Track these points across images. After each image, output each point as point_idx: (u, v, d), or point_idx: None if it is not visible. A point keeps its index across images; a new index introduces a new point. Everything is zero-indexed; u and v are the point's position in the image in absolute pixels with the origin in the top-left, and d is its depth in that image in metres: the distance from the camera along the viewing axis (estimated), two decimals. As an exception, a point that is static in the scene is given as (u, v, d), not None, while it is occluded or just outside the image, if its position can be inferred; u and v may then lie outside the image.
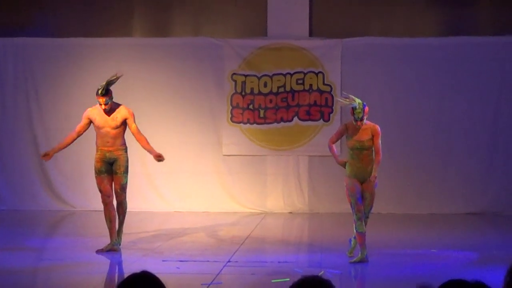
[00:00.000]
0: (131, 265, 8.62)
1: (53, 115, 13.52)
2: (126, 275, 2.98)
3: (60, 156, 13.42)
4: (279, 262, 8.95)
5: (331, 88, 13.34)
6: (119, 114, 9.95)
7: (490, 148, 13.06)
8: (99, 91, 9.78)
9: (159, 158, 9.98)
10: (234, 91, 13.46)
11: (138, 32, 13.86)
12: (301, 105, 13.39)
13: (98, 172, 9.92)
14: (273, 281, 7.78)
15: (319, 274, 7.95)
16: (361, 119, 9.04)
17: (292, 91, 13.42)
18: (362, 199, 8.96)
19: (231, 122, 13.45)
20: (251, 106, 13.44)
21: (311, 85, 13.40)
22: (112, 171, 9.86)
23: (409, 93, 13.17)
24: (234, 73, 13.46)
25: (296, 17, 13.51)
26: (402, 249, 9.83)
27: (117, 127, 9.94)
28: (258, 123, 13.45)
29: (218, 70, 13.46)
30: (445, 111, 13.09)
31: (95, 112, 9.96)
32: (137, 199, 13.17)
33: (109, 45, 13.55)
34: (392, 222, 12.22)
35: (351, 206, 9.04)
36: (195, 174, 13.35)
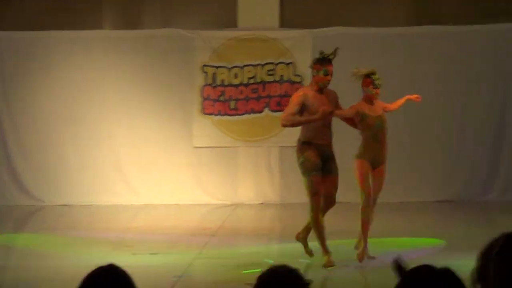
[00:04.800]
0: (101, 259, 8.55)
1: (22, 109, 13.38)
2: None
3: (28, 149, 13.34)
4: (250, 253, 8.95)
5: (302, 79, 13.33)
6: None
7: (459, 136, 13.13)
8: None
9: None
10: (205, 83, 13.41)
11: (108, 24, 13.76)
12: (272, 96, 13.37)
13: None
14: (244, 272, 7.78)
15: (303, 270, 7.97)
16: (380, 87, 8.46)
17: (263, 82, 13.39)
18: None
19: (202, 114, 13.40)
20: (222, 98, 13.40)
21: (282, 76, 13.38)
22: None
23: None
24: (204, 65, 13.41)
25: (267, 8, 13.49)
26: (372, 237, 9.85)
27: None
28: (229, 115, 13.41)
29: (188, 62, 13.40)
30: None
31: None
32: (107, 192, 13.11)
33: (78, 38, 13.43)
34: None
35: (362, 188, 8.40)
36: (166, 166, 13.29)
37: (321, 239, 8.33)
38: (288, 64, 13.37)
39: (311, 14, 13.47)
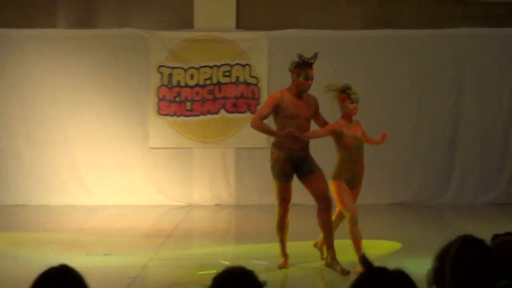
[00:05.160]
0: (54, 260, 8.47)
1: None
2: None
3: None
4: (205, 254, 8.94)
5: (258, 81, 13.36)
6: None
7: (413, 139, 13.25)
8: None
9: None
10: (160, 84, 13.37)
11: (63, 23, 13.64)
12: (228, 98, 13.37)
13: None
14: (199, 273, 7.77)
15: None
16: (358, 101, 8.14)
17: (219, 84, 13.38)
18: None
19: (157, 115, 13.35)
20: (177, 99, 13.36)
21: (237, 77, 13.39)
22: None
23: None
24: (160, 65, 13.36)
25: (223, 9, 13.48)
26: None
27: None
28: (185, 116, 13.38)
29: (144, 62, 13.34)
30: (372, 102, 13.20)
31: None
32: (62, 192, 13.01)
33: (32, 36, 13.29)
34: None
35: (345, 208, 8.01)
36: (121, 167, 13.22)
37: (282, 241, 8.30)
38: (244, 65, 13.37)
39: (268, 16, 13.49)
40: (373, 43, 13.27)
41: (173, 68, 13.36)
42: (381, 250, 9.14)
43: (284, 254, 8.25)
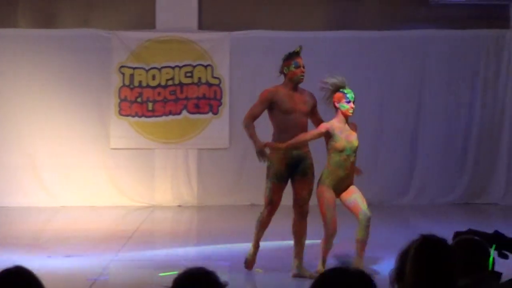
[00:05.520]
0: (14, 262, 8.38)
1: None
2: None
3: None
4: (167, 255, 8.90)
5: (220, 81, 13.34)
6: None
7: (375, 141, 13.31)
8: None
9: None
10: (122, 84, 13.29)
11: (23, 23, 13.51)
12: (190, 98, 13.33)
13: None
14: (160, 275, 7.73)
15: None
16: (354, 100, 7.70)
17: (181, 84, 13.34)
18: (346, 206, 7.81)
19: (119, 115, 13.27)
20: (139, 99, 13.29)
21: (200, 78, 13.36)
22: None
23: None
24: (122, 66, 13.29)
25: (185, 9, 13.43)
26: (288, 239, 9.91)
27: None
28: (146, 116, 13.31)
29: (105, 63, 13.25)
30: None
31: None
32: (21, 193, 12.88)
33: (-9, 36, 13.17)
34: (281, 214, 12.27)
35: (325, 222, 7.69)
36: (82, 168, 13.11)
37: (256, 242, 8.04)
38: (206, 66, 13.35)
39: (230, 16, 13.48)
40: (335, 44, 13.31)
41: (134, 68, 13.29)
42: (343, 250, 9.14)
43: (255, 254, 8.03)
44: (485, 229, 3.66)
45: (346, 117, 7.76)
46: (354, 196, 7.77)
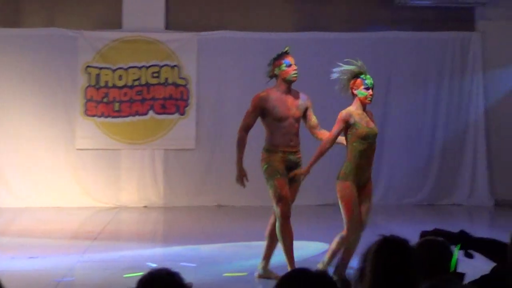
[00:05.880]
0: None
1: None
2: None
3: None
4: (132, 256, 8.85)
5: (187, 82, 13.31)
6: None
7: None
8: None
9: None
10: (88, 84, 13.21)
11: (-13, 22, 13.38)
12: (157, 99, 13.28)
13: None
14: (125, 276, 7.69)
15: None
16: (373, 87, 7.32)
17: (148, 84, 13.29)
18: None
19: (85, 116, 13.19)
20: (105, 99, 13.22)
21: (166, 78, 13.32)
22: None
23: (263, 86, 13.22)
24: (88, 66, 13.21)
25: (152, 9, 13.39)
26: (254, 240, 9.92)
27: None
28: (112, 117, 13.25)
29: (71, 62, 13.17)
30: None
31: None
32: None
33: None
34: (247, 215, 12.31)
35: (351, 219, 7.15)
36: (48, 168, 13.02)
37: (288, 250, 7.47)
38: (173, 66, 13.31)
39: (197, 17, 13.45)
40: (303, 46, 13.32)
41: (101, 68, 13.22)
42: (308, 251, 9.17)
43: (292, 265, 7.41)
44: (450, 229, 3.67)
45: (364, 104, 7.39)
46: (364, 207, 7.27)
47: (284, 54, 7.71)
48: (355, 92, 7.42)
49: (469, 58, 13.55)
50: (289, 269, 7.18)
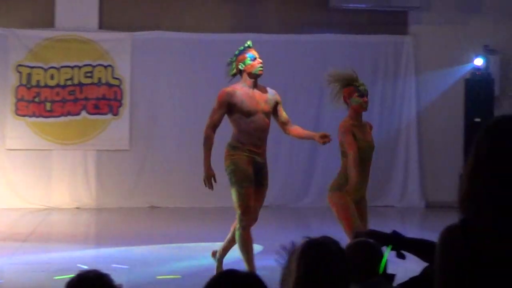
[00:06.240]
0: None
1: None
2: None
3: None
4: (63, 258, 8.73)
5: (121, 82, 13.19)
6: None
7: (275, 143, 13.35)
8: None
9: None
10: (19, 83, 12.99)
11: None
12: (89, 99, 13.13)
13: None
14: (55, 278, 7.58)
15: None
16: (367, 94, 6.96)
17: (80, 84, 13.13)
18: None
19: (15, 115, 12.96)
20: (37, 99, 13.02)
21: (100, 78, 13.18)
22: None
23: (198, 88, 13.23)
24: (19, 65, 12.99)
25: (86, 8, 13.23)
26: (187, 242, 9.88)
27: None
28: (44, 117, 13.04)
29: (2, 61, 12.95)
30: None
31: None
32: None
33: None
34: (180, 216, 12.25)
35: (350, 229, 6.60)
36: (-24, 169, 12.78)
37: (249, 260, 7.15)
38: (106, 66, 13.18)
39: (132, 17, 13.33)
40: (238, 47, 13.28)
41: (32, 67, 13.01)
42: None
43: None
44: (383, 230, 3.68)
45: (359, 113, 7.04)
46: (363, 221, 6.85)
47: (247, 48, 7.44)
48: (349, 101, 7.04)
49: (402, 62, 13.71)
50: None
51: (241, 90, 7.22)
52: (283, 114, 7.56)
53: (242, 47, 7.48)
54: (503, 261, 2.42)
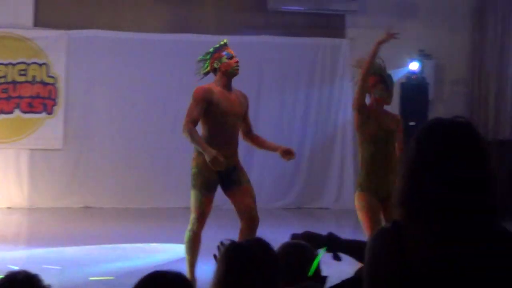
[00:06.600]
0: None
1: None
2: None
3: None
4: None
5: (56, 81, 13.02)
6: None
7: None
8: None
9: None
10: (-50, 80, 12.76)
11: None
12: (23, 97, 12.93)
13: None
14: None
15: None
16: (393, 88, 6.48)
17: (14, 82, 12.93)
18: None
19: None
20: (-31, 96, 12.80)
21: (34, 76, 12.99)
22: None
23: (135, 87, 13.14)
24: (-50, 61, 12.76)
25: (20, 5, 13.03)
26: (124, 242, 9.79)
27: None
28: (-24, 115, 12.82)
29: None
30: (170, 105, 13.19)
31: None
32: None
33: None
34: (114, 217, 12.13)
35: (369, 230, 6.22)
36: None
37: (191, 262, 6.92)
38: (41, 64, 13.00)
39: (67, 15, 13.17)
40: (175, 47, 13.26)
41: (-36, 64, 12.79)
42: (175, 254, 9.10)
43: (193, 278, 6.80)
44: (319, 232, 3.67)
45: (382, 105, 6.56)
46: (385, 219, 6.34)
47: (223, 46, 7.16)
48: (373, 91, 6.58)
49: (339, 65, 13.78)
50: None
51: (217, 90, 6.94)
52: (249, 120, 7.32)
53: (217, 45, 7.19)
54: (434, 266, 2.41)
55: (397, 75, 13.62)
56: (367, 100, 6.57)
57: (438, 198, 2.43)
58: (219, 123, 6.87)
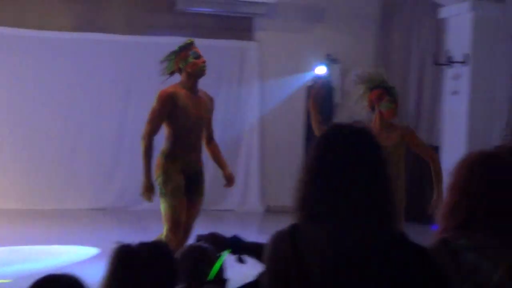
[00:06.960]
0: None
1: None
2: None
3: None
4: None
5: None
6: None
7: (116, 146, 13.20)
8: None
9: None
10: None
11: None
12: None
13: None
14: None
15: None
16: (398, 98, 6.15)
17: None
18: None
19: None
20: None
21: None
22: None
23: (39, 86, 12.87)
24: None
25: None
26: (24, 244, 9.57)
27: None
28: None
29: None
30: (75, 105, 12.99)
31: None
32: None
33: None
34: (15, 218, 11.85)
35: None
36: None
37: None
38: None
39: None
40: (80, 46, 13.06)
41: None
42: (77, 256, 8.96)
43: None
44: (224, 234, 3.64)
45: (389, 119, 6.26)
46: None
47: (189, 45, 6.85)
48: (378, 104, 6.28)
49: (247, 67, 13.80)
50: None
51: (182, 91, 6.64)
52: (211, 126, 7.06)
53: (183, 44, 6.88)
54: (328, 267, 2.46)
55: (304, 79, 13.75)
56: (368, 114, 6.36)
57: (333, 203, 2.50)
58: (183, 127, 6.59)
